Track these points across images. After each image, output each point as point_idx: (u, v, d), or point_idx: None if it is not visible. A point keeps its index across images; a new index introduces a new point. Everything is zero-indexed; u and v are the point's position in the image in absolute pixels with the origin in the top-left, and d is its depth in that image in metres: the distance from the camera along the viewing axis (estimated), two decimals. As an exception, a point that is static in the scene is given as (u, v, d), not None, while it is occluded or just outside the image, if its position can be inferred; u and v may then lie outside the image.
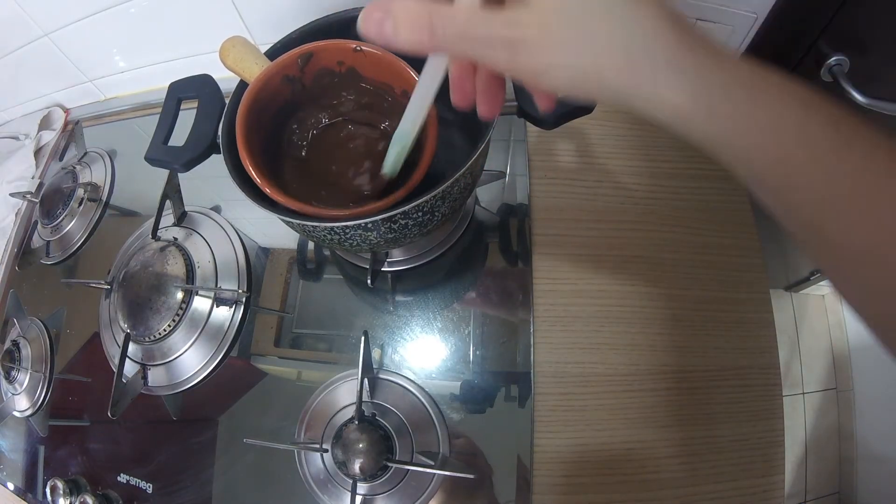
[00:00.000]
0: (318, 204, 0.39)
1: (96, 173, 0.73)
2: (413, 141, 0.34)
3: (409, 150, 0.35)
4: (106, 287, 0.61)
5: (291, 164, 0.45)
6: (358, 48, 0.41)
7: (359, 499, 0.47)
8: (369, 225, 0.38)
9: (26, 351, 0.63)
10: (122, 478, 0.54)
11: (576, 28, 0.21)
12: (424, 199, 0.36)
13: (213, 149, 0.45)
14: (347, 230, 0.39)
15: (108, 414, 0.52)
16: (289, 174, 0.44)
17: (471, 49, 0.23)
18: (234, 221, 0.63)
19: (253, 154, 0.39)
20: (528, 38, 0.22)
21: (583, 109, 0.41)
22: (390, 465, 0.47)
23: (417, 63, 0.41)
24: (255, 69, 0.41)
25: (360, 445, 0.46)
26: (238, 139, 0.39)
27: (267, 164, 0.41)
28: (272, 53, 0.43)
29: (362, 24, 0.23)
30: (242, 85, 0.42)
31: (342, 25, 0.44)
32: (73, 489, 0.54)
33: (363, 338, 0.49)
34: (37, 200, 0.73)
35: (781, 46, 0.54)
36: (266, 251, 0.61)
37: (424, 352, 0.53)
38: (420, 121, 0.33)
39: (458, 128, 0.48)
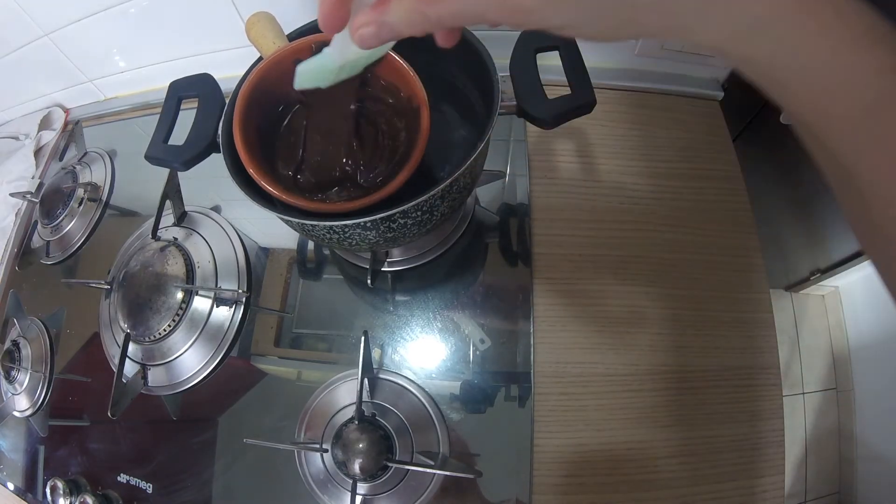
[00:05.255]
0: (312, 196, 0.39)
1: (96, 173, 0.73)
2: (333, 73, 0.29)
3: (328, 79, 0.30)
4: (106, 287, 0.61)
5: (285, 152, 0.44)
6: None
7: (359, 499, 0.47)
8: (368, 224, 0.38)
9: (26, 351, 0.63)
10: (122, 478, 0.54)
11: None
12: (423, 198, 0.36)
13: (212, 147, 0.45)
14: (346, 229, 0.39)
15: (108, 414, 0.52)
16: (282, 162, 0.44)
17: (469, 22, 0.21)
18: (234, 221, 0.63)
19: (246, 132, 0.39)
20: (530, 7, 0.19)
21: (582, 108, 0.41)
22: (390, 465, 0.47)
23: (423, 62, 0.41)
24: (272, 47, 0.41)
25: (360, 445, 0.46)
26: (235, 114, 0.39)
27: (262, 150, 0.41)
28: None
29: (358, 40, 0.22)
30: (242, 83, 0.42)
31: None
32: (73, 489, 0.54)
33: (363, 338, 0.49)
34: (37, 200, 0.73)
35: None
36: (266, 251, 0.61)
37: (424, 352, 0.53)
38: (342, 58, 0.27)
39: (457, 126, 0.48)
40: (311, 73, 0.30)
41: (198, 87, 0.47)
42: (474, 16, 0.20)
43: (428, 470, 0.47)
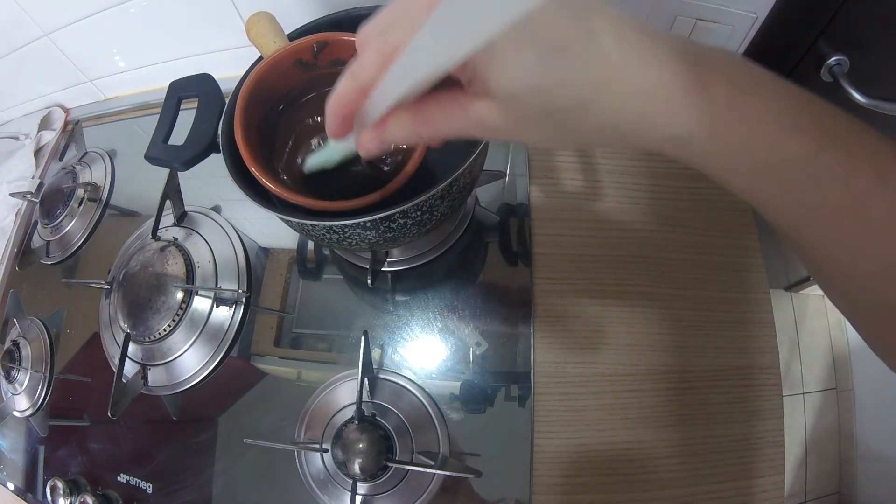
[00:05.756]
0: (311, 195, 0.39)
1: (96, 173, 0.73)
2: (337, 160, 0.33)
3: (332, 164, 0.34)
4: (106, 287, 0.61)
5: (288, 153, 0.44)
6: None
7: (359, 499, 0.47)
8: (368, 224, 0.38)
9: (26, 351, 0.63)
10: (122, 478, 0.54)
11: (537, 120, 0.22)
12: (423, 198, 0.36)
13: (212, 147, 0.45)
14: (346, 229, 0.39)
15: (108, 414, 0.52)
16: (284, 164, 0.44)
17: (453, 138, 0.25)
18: (234, 221, 0.63)
19: (247, 131, 0.39)
20: (502, 129, 0.23)
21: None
22: (390, 465, 0.47)
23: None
24: (272, 47, 0.41)
25: (360, 445, 0.46)
26: (236, 114, 0.39)
27: (262, 150, 0.41)
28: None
29: (362, 151, 0.26)
30: (242, 83, 0.42)
31: (341, 25, 0.44)
32: (73, 489, 0.54)
33: (363, 338, 0.49)
34: (37, 200, 0.73)
35: (781, 47, 0.54)
36: (266, 251, 0.61)
37: (424, 352, 0.53)
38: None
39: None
40: (318, 162, 0.34)
41: (198, 87, 0.47)
42: (457, 134, 0.24)
43: (428, 470, 0.47)
